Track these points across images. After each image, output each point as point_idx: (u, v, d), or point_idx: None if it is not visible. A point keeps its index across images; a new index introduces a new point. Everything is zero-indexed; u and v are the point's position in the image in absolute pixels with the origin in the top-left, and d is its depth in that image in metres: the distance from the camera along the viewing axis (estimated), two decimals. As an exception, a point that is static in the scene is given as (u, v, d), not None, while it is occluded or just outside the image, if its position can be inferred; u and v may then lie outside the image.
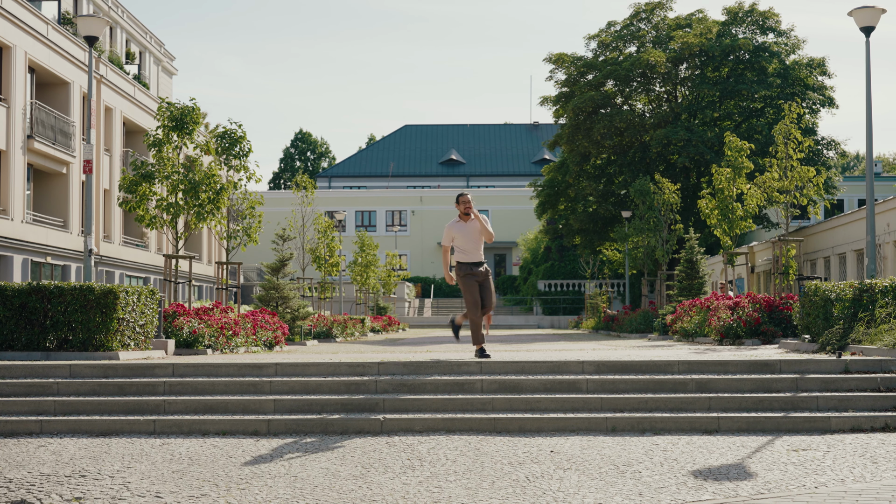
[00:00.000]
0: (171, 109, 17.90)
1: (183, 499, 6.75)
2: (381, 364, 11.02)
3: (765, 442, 8.77)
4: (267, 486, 7.16)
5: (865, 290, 12.88)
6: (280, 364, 11.10)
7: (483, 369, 10.90)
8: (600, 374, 10.78)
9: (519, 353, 14.00)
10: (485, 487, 7.08)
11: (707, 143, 40.82)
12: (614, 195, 44.44)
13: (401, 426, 9.46)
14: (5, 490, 7.05)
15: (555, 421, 9.46)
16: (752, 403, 9.86)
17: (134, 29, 45.92)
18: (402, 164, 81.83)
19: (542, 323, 54.84)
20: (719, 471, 7.52)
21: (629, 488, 6.99)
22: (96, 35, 17.16)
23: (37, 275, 31.15)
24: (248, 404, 10.02)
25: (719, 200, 22.81)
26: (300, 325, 25.04)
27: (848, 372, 10.63)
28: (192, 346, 15.55)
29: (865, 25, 17.50)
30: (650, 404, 9.91)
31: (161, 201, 17.77)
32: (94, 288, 13.18)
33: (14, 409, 10.07)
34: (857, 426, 9.34)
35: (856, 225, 32.30)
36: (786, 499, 6.55)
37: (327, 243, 32.63)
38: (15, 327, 13.17)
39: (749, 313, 18.09)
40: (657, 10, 46.22)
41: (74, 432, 9.56)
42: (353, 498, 6.79)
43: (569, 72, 46.28)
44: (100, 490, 7.04)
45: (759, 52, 43.59)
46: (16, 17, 29.74)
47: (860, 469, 7.54)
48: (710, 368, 10.87)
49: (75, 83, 34.11)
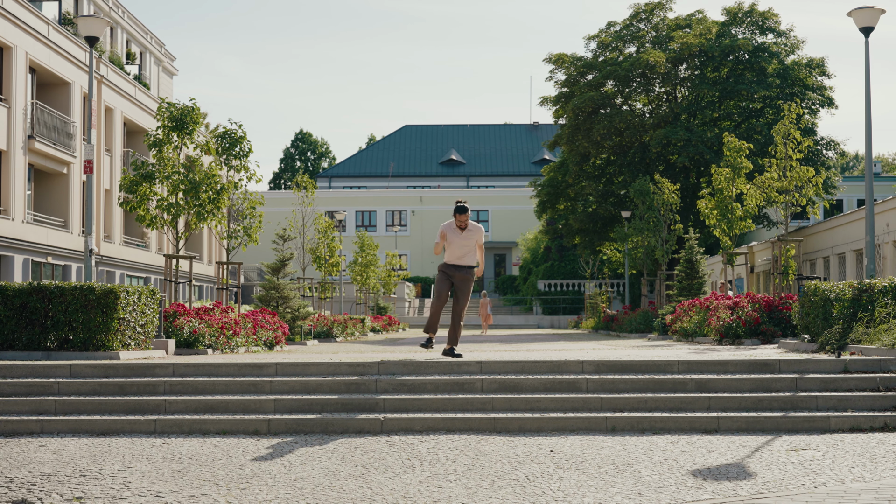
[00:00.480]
0: (171, 109, 17.92)
1: (183, 498, 6.76)
2: (381, 364, 11.04)
3: (764, 441, 8.78)
4: (267, 485, 7.17)
5: (865, 290, 12.90)
6: (280, 364, 11.12)
7: (483, 369, 10.92)
8: (600, 373, 10.80)
9: (519, 352, 14.02)
10: (485, 487, 7.09)
11: (707, 143, 40.86)
12: (614, 195, 44.48)
13: (401, 426, 9.48)
14: (6, 490, 7.07)
15: (555, 420, 9.49)
16: (751, 403, 9.88)
17: (134, 29, 45.96)
18: (403, 164, 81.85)
19: (542, 323, 54.86)
20: (719, 470, 7.54)
21: (629, 488, 7.00)
22: (97, 35, 17.18)
23: (37, 275, 31.18)
24: (248, 404, 10.04)
25: (718, 200, 22.83)
26: (300, 325, 25.07)
27: (847, 372, 10.65)
28: (193, 346, 15.57)
29: (865, 26, 17.53)
30: (650, 404, 9.93)
31: (161, 201, 17.80)
32: (95, 288, 13.20)
33: (15, 408, 10.09)
34: (857, 426, 9.35)
35: (855, 225, 32.32)
36: (785, 498, 6.57)
37: (327, 243, 32.66)
38: (16, 327, 13.19)
39: (748, 313, 18.11)
40: (657, 10, 46.28)
41: (75, 432, 9.58)
42: (354, 497, 6.80)
43: (569, 72, 46.32)
44: (100, 490, 7.05)
45: (759, 53, 43.63)
46: (17, 17, 29.77)
47: (859, 468, 7.55)
48: (710, 368, 10.89)
49: (76, 83, 34.14)
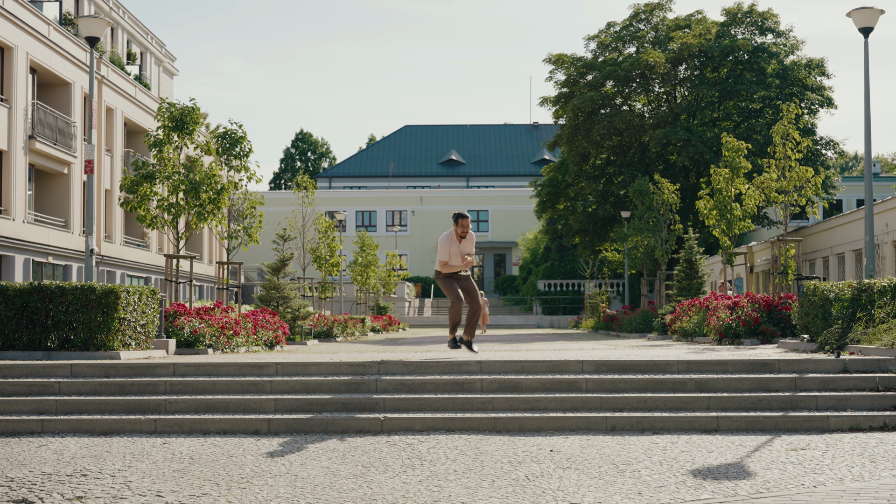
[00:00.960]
0: (171, 110, 17.94)
1: (184, 498, 6.78)
2: (381, 363, 11.06)
3: (764, 441, 8.80)
4: (268, 485, 7.19)
5: (864, 290, 12.92)
6: (281, 363, 11.14)
7: (483, 369, 10.94)
8: (600, 373, 10.82)
9: (518, 352, 14.04)
10: (485, 486, 7.11)
11: (706, 143, 40.90)
12: (613, 195, 44.53)
13: (401, 425, 9.50)
14: (7, 489, 7.08)
15: (554, 420, 9.51)
16: (751, 403, 9.90)
17: (135, 30, 46.00)
18: (403, 164, 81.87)
19: (542, 322, 54.87)
20: (718, 470, 7.56)
21: (629, 487, 7.02)
22: (97, 36, 17.19)
23: (38, 275, 31.21)
24: (248, 404, 10.06)
25: (717, 201, 22.84)
26: (301, 325, 25.08)
27: (846, 371, 10.66)
28: (193, 346, 15.58)
29: (864, 26, 17.55)
30: (649, 404, 9.95)
31: (162, 201, 17.82)
32: (96, 288, 13.22)
33: (16, 408, 10.12)
34: (856, 425, 9.37)
35: (854, 225, 32.34)
36: (785, 498, 6.58)
37: (328, 243, 32.68)
38: (16, 327, 13.21)
39: (748, 313, 18.12)
40: (656, 10, 46.34)
41: (76, 431, 9.60)
42: (354, 497, 6.82)
43: (568, 72, 46.37)
44: (101, 489, 7.07)
45: (758, 53, 43.69)
46: (17, 17, 29.80)
47: (859, 468, 7.57)
48: (709, 368, 10.90)
49: (76, 83, 34.17)
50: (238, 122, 19.27)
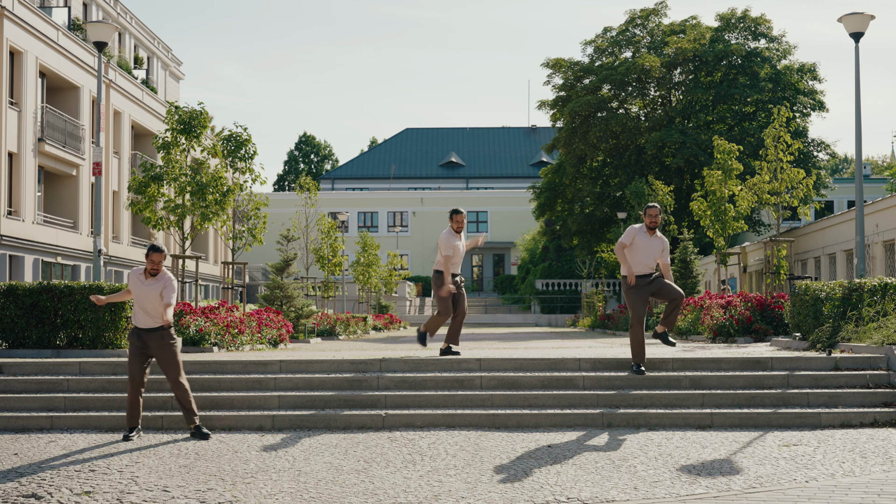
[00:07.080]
0: (179, 113, 18.12)
1: (190, 493, 6.90)
2: (382, 361, 11.17)
3: (756, 437, 8.92)
4: (272, 480, 7.31)
5: (854, 290, 13.05)
6: (284, 361, 11.26)
7: (482, 366, 11.06)
8: (596, 370, 10.94)
9: (517, 350, 14.13)
10: (484, 481, 7.23)
11: (701, 146, 41.11)
12: (610, 197, 44.73)
13: (402, 422, 9.64)
14: (17, 484, 7.22)
15: (552, 417, 9.64)
16: (744, 400, 10.04)
17: (142, 34, 46.22)
18: (404, 166, 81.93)
19: (540, 321, 54.94)
20: (712, 465, 7.68)
21: (625, 482, 7.14)
22: (105, 41, 17.37)
23: (47, 274, 31.40)
24: (253, 400, 10.19)
25: (711, 202, 22.98)
26: (304, 324, 25.22)
27: (838, 369, 10.79)
28: (199, 344, 15.71)
29: (855, 31, 17.71)
30: (645, 400, 10.08)
31: (169, 202, 18.01)
32: (104, 287, 13.38)
33: (25, 405, 10.27)
34: (847, 422, 9.51)
35: (845, 226, 32.45)
36: (777, 492, 6.70)
37: (330, 243, 32.83)
38: (26, 326, 13.40)
39: (741, 312, 18.23)
40: (652, 16, 46.60)
41: (84, 428, 9.73)
42: (356, 492, 6.94)
43: (566, 76, 46.58)
44: (109, 484, 7.19)
45: (752, 58, 43.93)
46: (27, 23, 30.02)
47: (850, 464, 7.69)
48: (704, 366, 11.02)
49: (85, 87, 34.39)
50: (243, 125, 19.46)
